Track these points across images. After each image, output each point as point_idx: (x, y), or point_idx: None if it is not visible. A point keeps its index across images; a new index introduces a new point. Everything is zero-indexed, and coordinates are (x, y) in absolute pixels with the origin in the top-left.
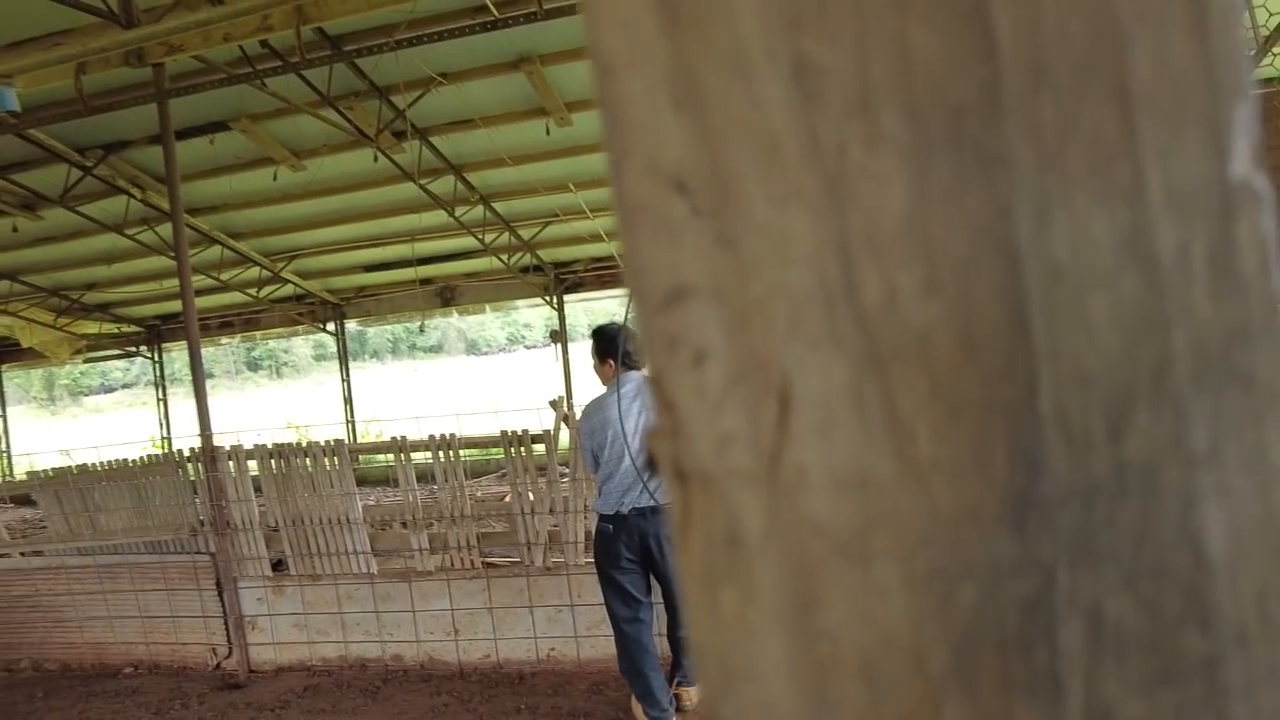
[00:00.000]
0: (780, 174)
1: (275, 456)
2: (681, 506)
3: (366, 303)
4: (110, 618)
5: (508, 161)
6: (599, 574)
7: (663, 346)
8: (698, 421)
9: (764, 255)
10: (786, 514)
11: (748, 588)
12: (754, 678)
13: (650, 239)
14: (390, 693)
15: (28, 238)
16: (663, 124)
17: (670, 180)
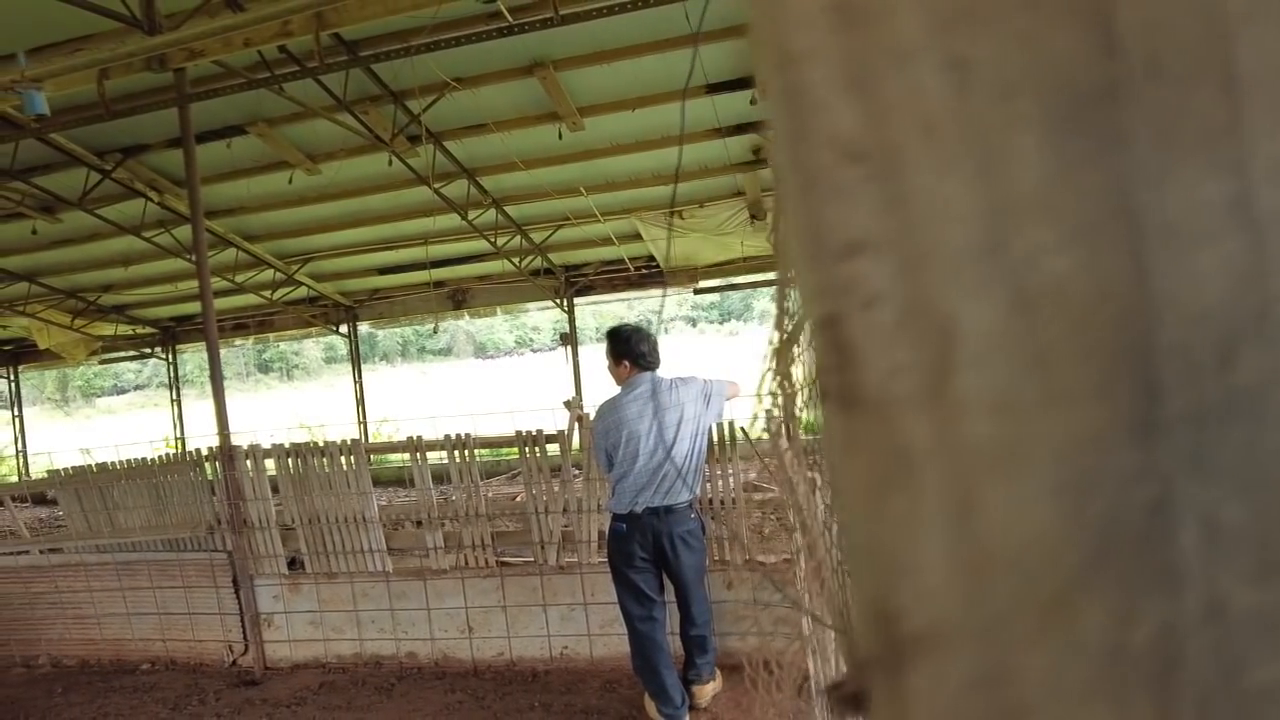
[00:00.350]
0: (938, 148)
1: (292, 456)
2: (846, 431)
3: (379, 305)
4: (128, 614)
5: (520, 165)
6: (612, 572)
7: (839, 292)
8: (871, 356)
9: (926, 215)
10: (948, 434)
11: (914, 497)
12: (919, 572)
13: (828, 201)
14: (405, 690)
15: (46, 240)
16: (838, 105)
17: (846, 151)
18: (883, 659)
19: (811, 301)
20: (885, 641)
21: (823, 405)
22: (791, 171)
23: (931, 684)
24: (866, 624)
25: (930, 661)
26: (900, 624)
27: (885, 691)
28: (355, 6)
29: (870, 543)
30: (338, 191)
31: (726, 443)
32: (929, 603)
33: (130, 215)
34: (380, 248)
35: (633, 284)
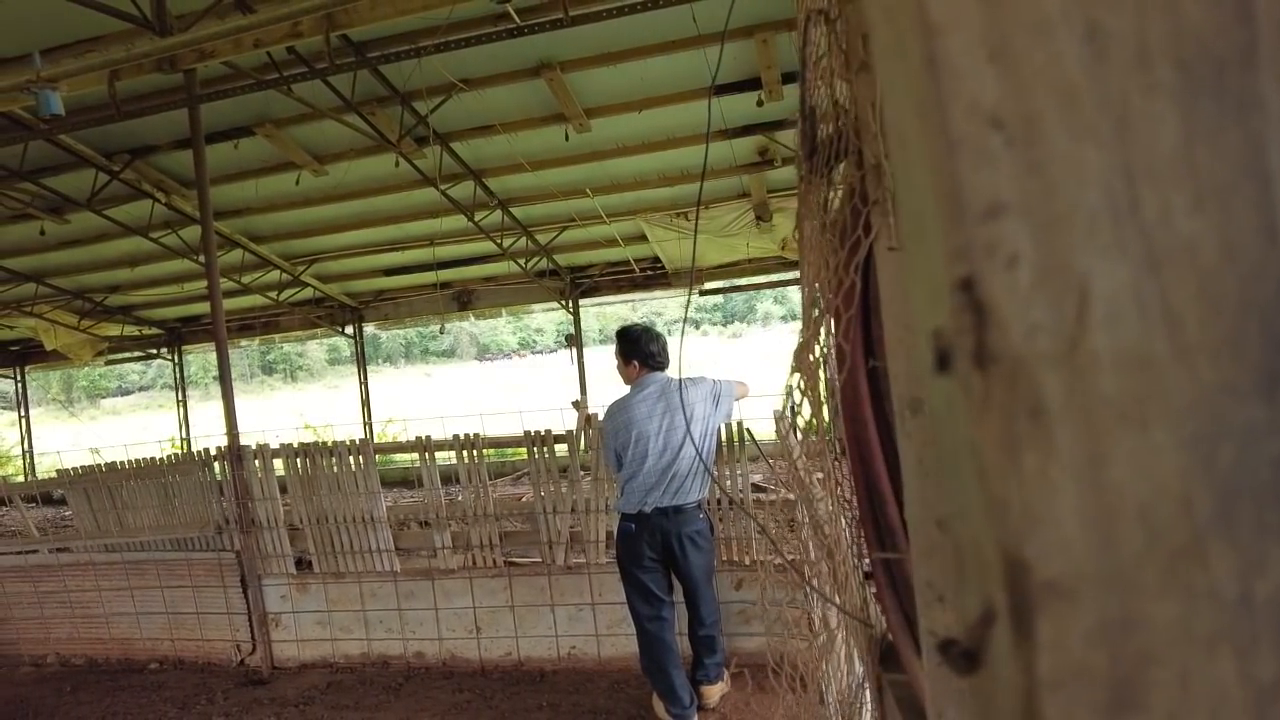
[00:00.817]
0: (1077, 114)
1: (300, 456)
2: (983, 387)
3: (384, 306)
4: (136, 614)
5: (526, 167)
6: (621, 572)
7: (981, 253)
8: (1010, 314)
9: (1065, 178)
10: (1082, 389)
11: (1048, 450)
12: (1054, 522)
13: (971, 166)
14: (412, 689)
15: (54, 241)
16: (981, 74)
17: (988, 118)
18: (1013, 609)
19: (948, 264)
20: (1015, 592)
21: (942, 368)
22: (928, 139)
23: (1062, 631)
24: (991, 578)
25: (1062, 609)
26: (1032, 574)
27: (1012, 642)
28: (365, 7)
29: (1003, 496)
30: (344, 193)
31: (735, 443)
32: (1061, 553)
33: (138, 216)
34: (386, 249)
35: (638, 285)
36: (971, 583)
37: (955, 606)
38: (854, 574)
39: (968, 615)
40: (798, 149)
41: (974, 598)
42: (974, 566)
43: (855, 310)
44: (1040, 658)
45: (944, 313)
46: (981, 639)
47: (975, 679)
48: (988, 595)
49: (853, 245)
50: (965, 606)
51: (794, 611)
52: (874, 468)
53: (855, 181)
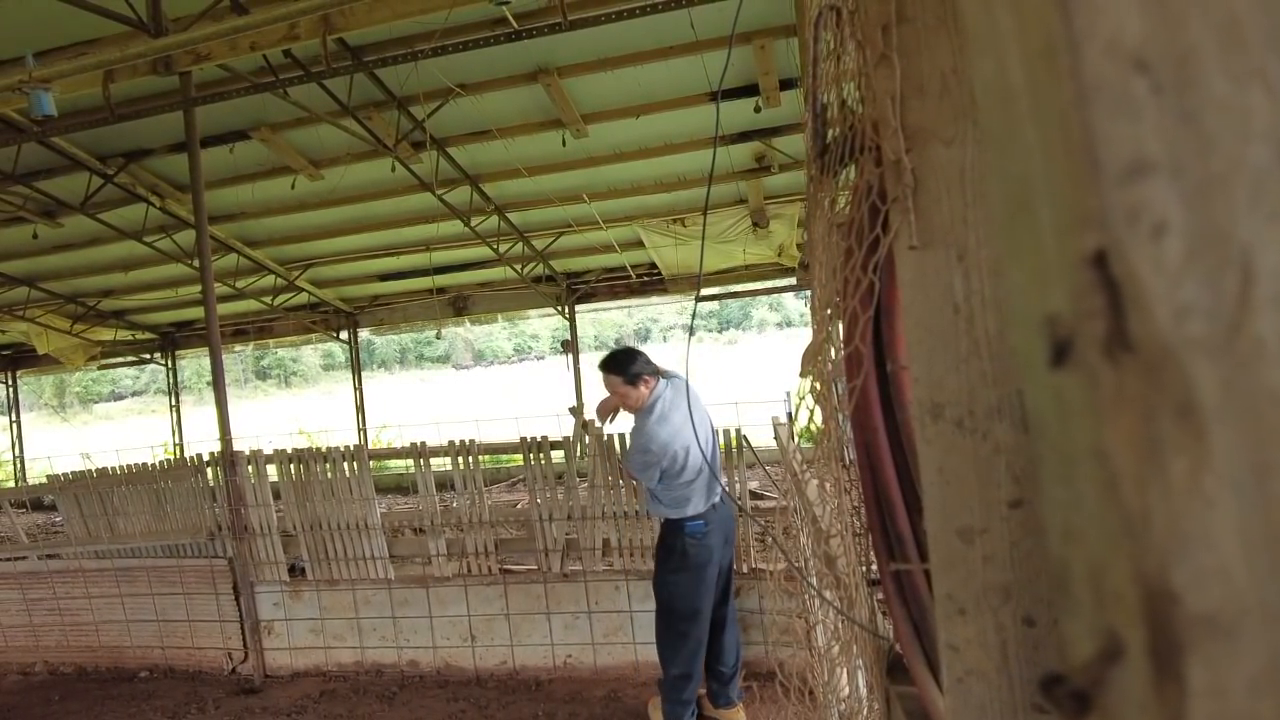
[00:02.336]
0: (1241, 53)
1: (295, 462)
2: (1117, 381)
3: (379, 311)
4: (127, 621)
5: (523, 172)
6: (689, 574)
7: (1121, 219)
8: (1156, 293)
9: (1224, 131)
10: (1244, 383)
11: (1202, 456)
12: (1209, 544)
13: (1109, 116)
14: (407, 698)
15: (47, 244)
16: (1122, 5)
17: (1131, 59)
18: (1153, 647)
19: (1074, 235)
20: (1157, 626)
21: (1060, 359)
22: (1051, 86)
23: (1219, 676)
24: (1118, 608)
25: (1219, 649)
26: (1181, 605)
27: (1150, 685)
28: (363, 10)
29: (1142, 511)
30: (340, 197)
31: (733, 450)
32: (1219, 581)
33: (132, 220)
34: (382, 254)
35: (634, 291)
36: (1086, 611)
37: (1061, 637)
38: (861, 584)
39: (1080, 650)
40: (807, 148)
41: (1089, 629)
42: (1090, 592)
43: (866, 314)
44: (1191, 707)
45: (1064, 295)
46: (1101, 679)
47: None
48: (1111, 628)
49: (871, 244)
50: (1076, 639)
51: (799, 622)
52: (884, 475)
53: (873, 179)
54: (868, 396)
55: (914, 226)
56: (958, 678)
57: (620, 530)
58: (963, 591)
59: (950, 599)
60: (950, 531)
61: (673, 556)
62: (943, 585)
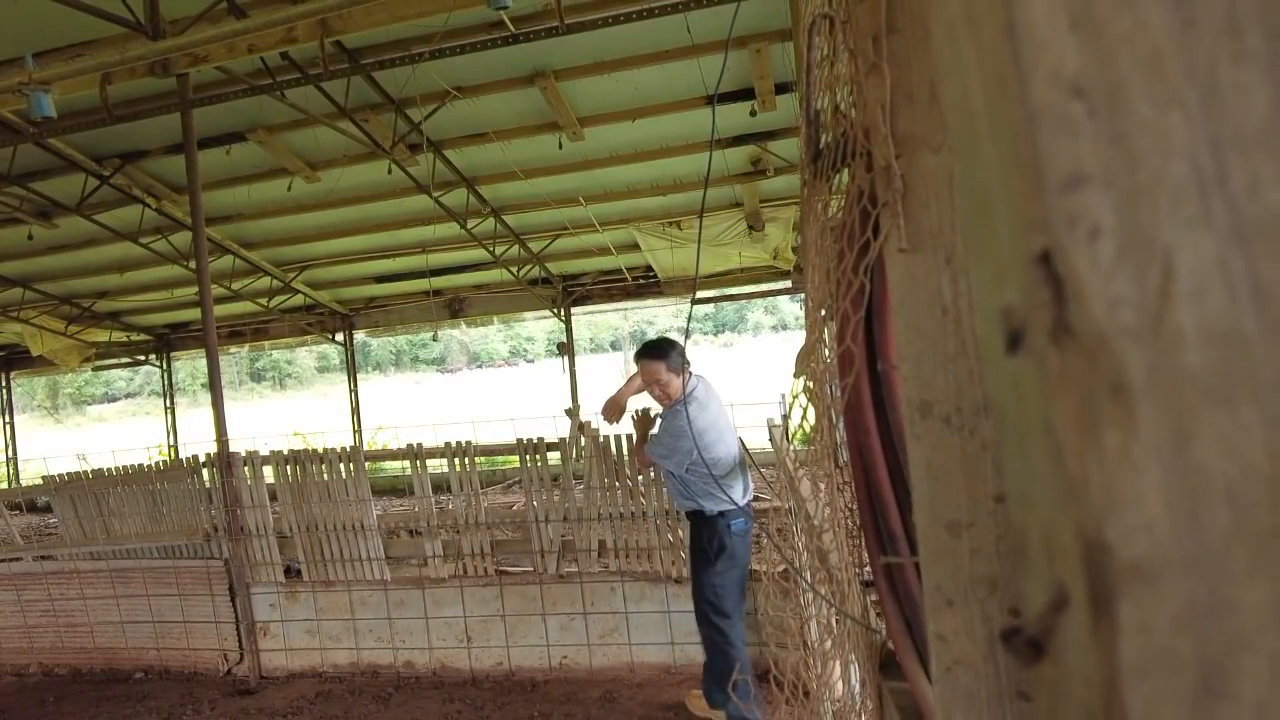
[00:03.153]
0: (1162, 83)
1: (291, 463)
2: (1061, 364)
3: (375, 314)
4: (122, 622)
5: (520, 175)
6: (731, 574)
7: (1062, 224)
8: (1092, 287)
9: (1149, 149)
10: (1166, 365)
11: (1130, 428)
12: (1137, 502)
13: (1052, 135)
14: (402, 699)
15: (42, 246)
16: (1062, 42)
17: (1069, 87)
18: (1091, 593)
19: (1024, 237)
20: (1094, 575)
21: (1015, 346)
22: (1004, 110)
23: (1145, 616)
24: (1065, 562)
25: (1145, 593)
26: (1114, 556)
27: (1089, 628)
28: (361, 14)
29: (1082, 476)
30: (336, 199)
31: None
32: (1145, 534)
33: (127, 221)
34: (378, 256)
35: (630, 294)
36: (1038, 568)
37: (1018, 593)
38: (854, 581)
39: (1034, 602)
40: (801, 153)
41: (1041, 583)
42: (1042, 551)
43: (857, 315)
44: (1122, 644)
45: (1017, 289)
46: (1051, 626)
47: (1042, 668)
48: (1059, 580)
49: (862, 248)
50: (1030, 593)
51: (793, 621)
52: (876, 474)
53: (864, 184)
54: (860, 397)
55: (903, 230)
56: (946, 667)
57: (616, 532)
58: (951, 583)
59: (939, 591)
60: (939, 525)
61: (720, 555)
62: (931, 577)
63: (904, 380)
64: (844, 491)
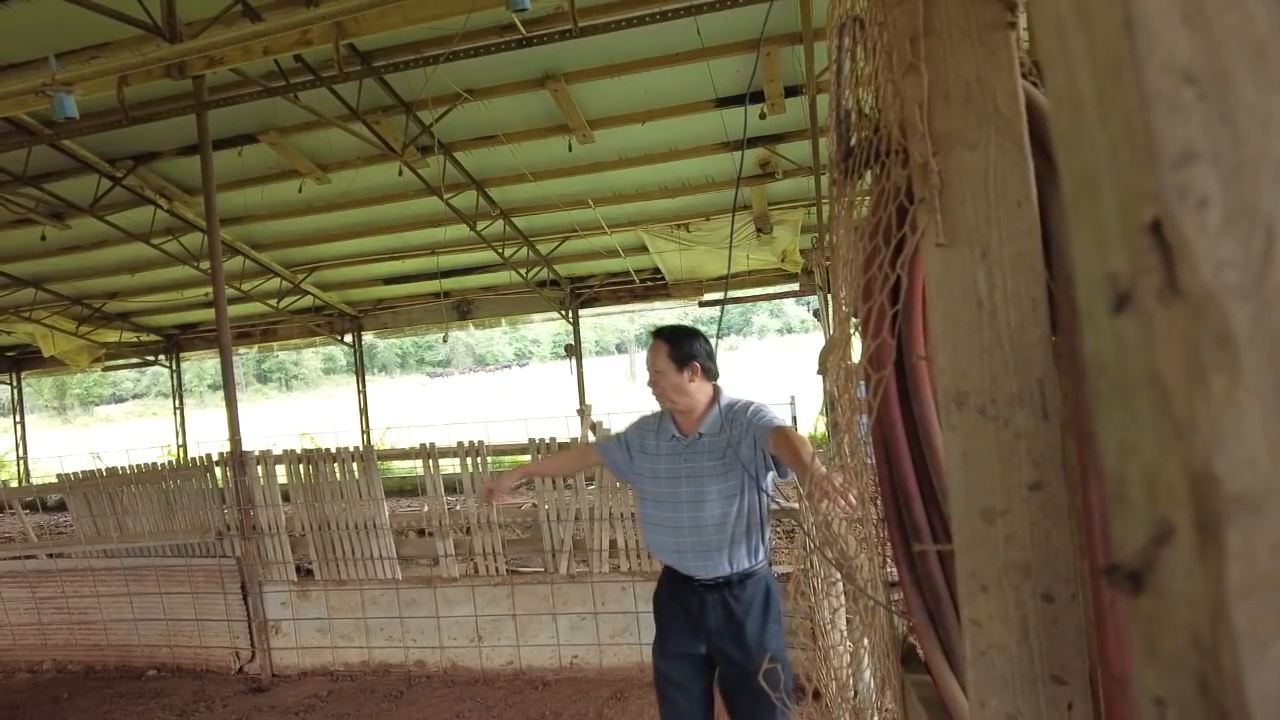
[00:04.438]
0: (1265, 70)
1: (304, 462)
2: (1169, 321)
3: (383, 315)
4: (135, 620)
5: (529, 177)
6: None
7: (1173, 196)
8: (1200, 251)
9: (1253, 128)
10: (1268, 319)
11: (1236, 375)
12: (1241, 441)
13: (1165, 117)
14: (414, 698)
15: (55, 247)
16: (1175, 34)
17: (1182, 74)
18: (1199, 523)
19: (1138, 207)
20: (1202, 507)
21: (1121, 307)
22: (1118, 95)
23: (1249, 542)
24: (1170, 497)
25: (1249, 521)
26: (1220, 488)
27: (1196, 555)
28: (375, 17)
29: (1190, 418)
30: (346, 201)
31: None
32: (1249, 468)
33: (139, 222)
34: (387, 258)
35: (637, 296)
36: (1139, 508)
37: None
38: (877, 576)
39: (1134, 541)
40: (830, 153)
41: (1142, 522)
42: (1143, 492)
43: (894, 308)
44: (1229, 568)
45: (1123, 256)
46: (1152, 559)
47: (1140, 600)
48: (1163, 516)
49: (899, 243)
50: (1129, 533)
51: (807, 622)
52: (901, 467)
53: (901, 181)
54: (887, 391)
55: (940, 226)
56: (980, 651)
57: (627, 532)
58: (985, 570)
59: (973, 577)
60: (973, 513)
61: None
62: (966, 564)
63: (940, 372)
64: (868, 486)
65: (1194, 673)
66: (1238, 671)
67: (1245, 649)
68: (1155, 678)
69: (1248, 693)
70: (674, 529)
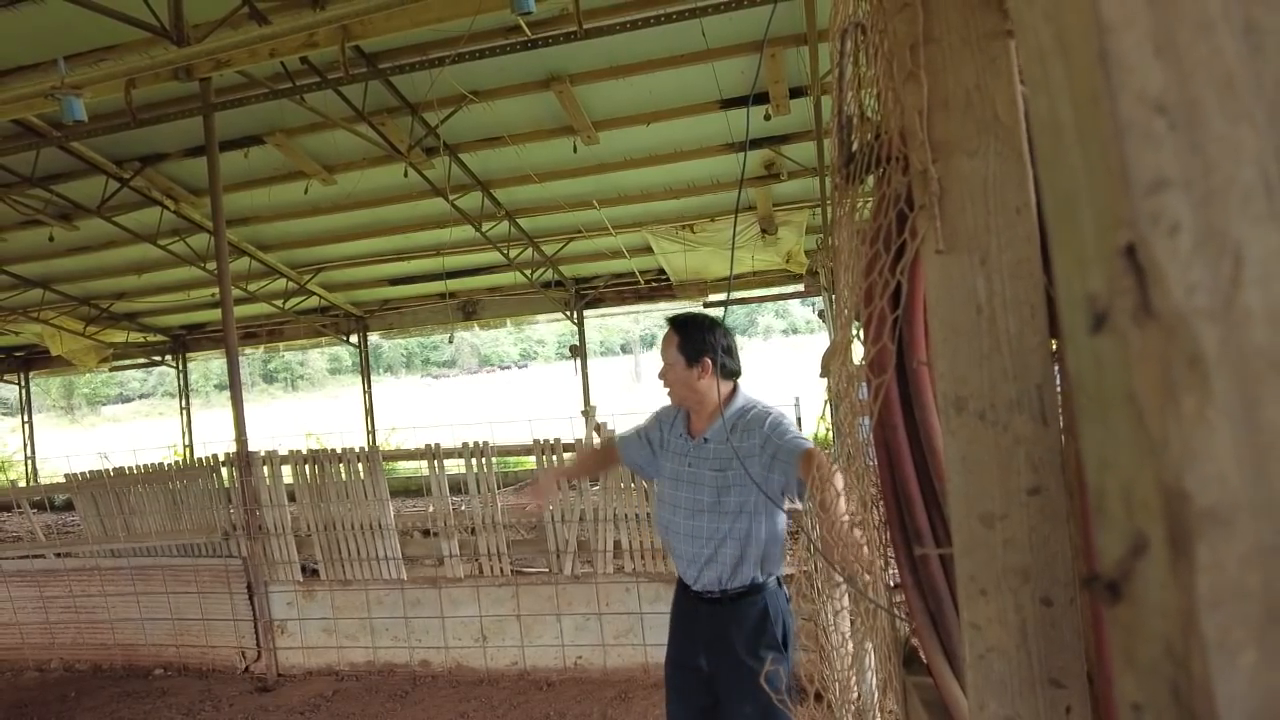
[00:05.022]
0: (1233, 100)
1: (310, 463)
2: (1142, 341)
3: (389, 316)
4: (142, 619)
5: (534, 178)
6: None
7: (1146, 222)
8: (1172, 275)
9: (1222, 157)
10: (1236, 340)
11: (1205, 394)
12: (1211, 457)
13: (1138, 146)
14: (419, 698)
15: (62, 247)
16: (1148, 66)
17: (1154, 105)
18: (1170, 537)
19: (1110, 232)
20: (1174, 520)
21: (1098, 326)
22: (1094, 124)
23: (1219, 555)
24: (1145, 511)
25: (1219, 534)
26: (1191, 503)
27: (1168, 567)
28: (381, 19)
29: (1163, 435)
30: (352, 202)
31: None
32: (1219, 484)
33: (146, 223)
34: (392, 259)
35: (642, 297)
36: (1117, 521)
37: (1098, 547)
38: (880, 577)
39: (1113, 552)
40: (832, 157)
41: (1120, 534)
42: (1121, 505)
43: (894, 313)
44: (1199, 580)
45: (1100, 278)
46: (1129, 570)
47: (1118, 610)
48: (1138, 529)
49: (899, 249)
50: (1109, 544)
51: (809, 624)
52: (903, 471)
53: (901, 187)
54: (889, 395)
55: (940, 232)
56: (979, 655)
57: (631, 533)
58: (984, 573)
59: (972, 580)
60: (973, 517)
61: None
62: (965, 568)
63: (939, 377)
64: (871, 488)
65: (1167, 680)
66: (1207, 679)
67: (1215, 658)
68: (1133, 684)
69: (1217, 699)
70: (674, 533)
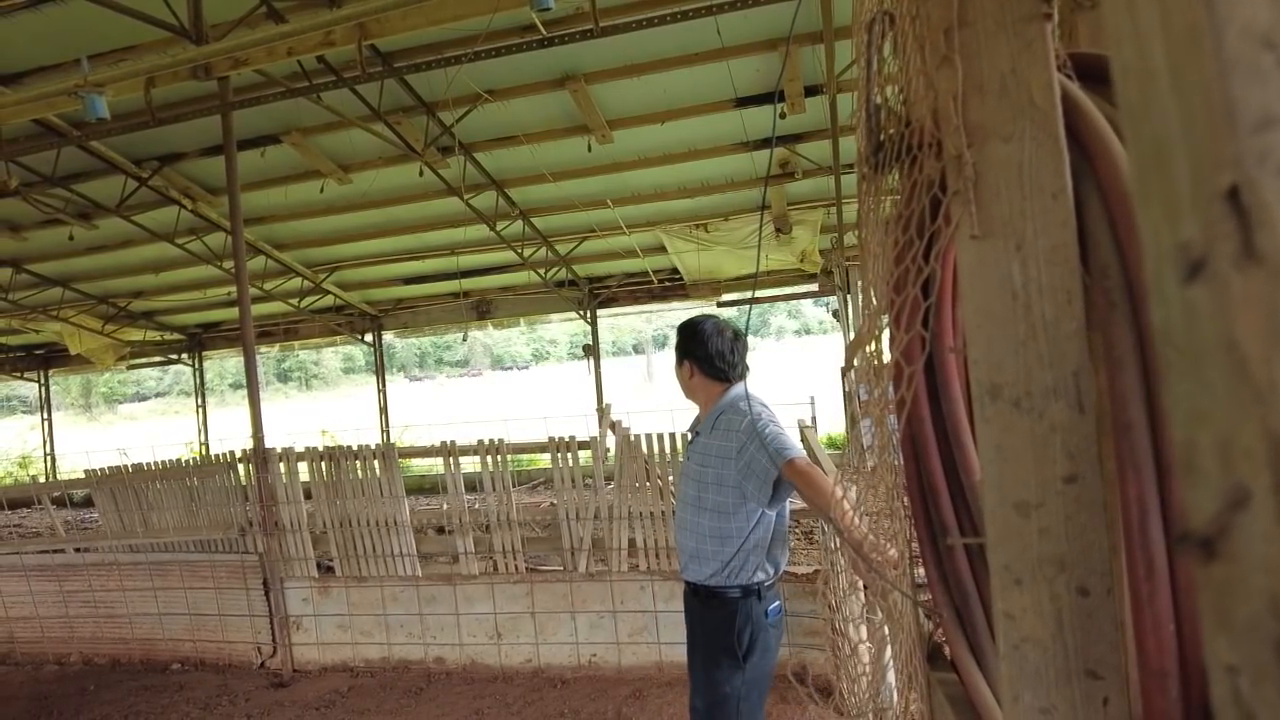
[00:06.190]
0: None
1: (325, 459)
2: (1245, 286)
3: (403, 315)
4: (159, 614)
5: (548, 177)
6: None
7: (1253, 161)
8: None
9: None
10: None
11: None
12: None
13: (1244, 83)
14: (433, 694)
15: (81, 246)
16: (1254, 1)
17: (1262, 40)
18: (1277, 485)
19: (1214, 174)
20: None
21: (1194, 275)
22: (1195, 63)
23: None
24: (1247, 462)
25: None
26: None
27: (1275, 518)
28: (398, 18)
29: (1269, 382)
30: (367, 202)
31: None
32: None
33: (163, 222)
34: (406, 258)
35: (655, 296)
36: (1211, 476)
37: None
38: (905, 573)
39: (1206, 509)
40: (859, 147)
41: (1215, 489)
42: (1216, 459)
43: (927, 301)
44: None
45: (1197, 224)
46: (1226, 526)
47: (1212, 568)
48: (1237, 482)
49: (932, 235)
50: (1201, 501)
51: (816, 622)
52: (930, 464)
53: (934, 173)
54: (915, 388)
55: (975, 218)
56: (1014, 645)
57: (646, 531)
58: (1019, 563)
59: (1007, 570)
60: (1008, 506)
61: (753, 651)
62: (999, 557)
63: (974, 364)
64: (897, 484)
65: (1270, 638)
66: None
67: None
68: (1228, 645)
69: None
70: (676, 523)
